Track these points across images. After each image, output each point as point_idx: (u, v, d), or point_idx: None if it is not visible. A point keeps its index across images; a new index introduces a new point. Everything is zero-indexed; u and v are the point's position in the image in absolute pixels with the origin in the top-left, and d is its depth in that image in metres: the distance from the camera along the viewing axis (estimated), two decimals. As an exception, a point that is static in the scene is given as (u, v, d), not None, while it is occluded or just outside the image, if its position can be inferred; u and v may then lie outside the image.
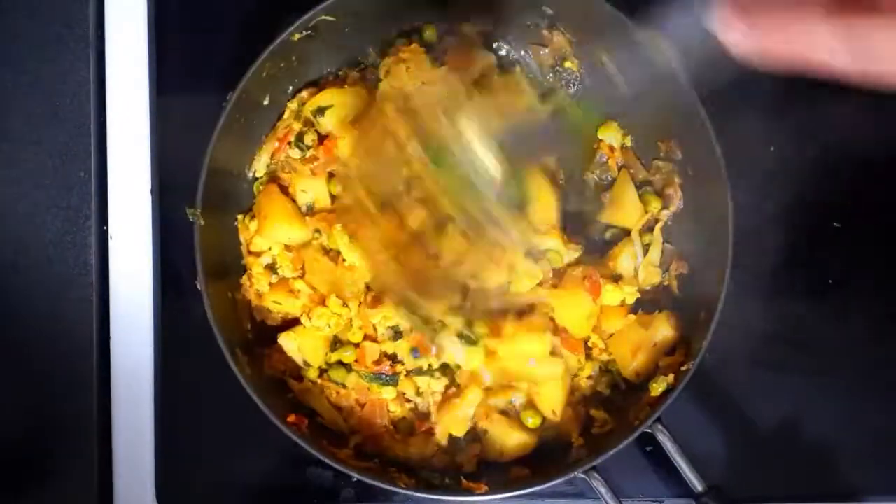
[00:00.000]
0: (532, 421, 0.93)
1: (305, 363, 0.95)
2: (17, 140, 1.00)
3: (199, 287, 0.87)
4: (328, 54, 0.98)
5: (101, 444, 0.97)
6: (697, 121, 0.88)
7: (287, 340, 0.94)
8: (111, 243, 1.00)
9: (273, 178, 0.98)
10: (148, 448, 0.97)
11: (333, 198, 0.96)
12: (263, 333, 0.96)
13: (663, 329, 0.93)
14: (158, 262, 0.98)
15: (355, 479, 0.94)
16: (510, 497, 0.88)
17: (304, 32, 0.92)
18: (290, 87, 0.98)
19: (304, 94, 0.98)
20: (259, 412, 0.85)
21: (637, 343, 0.93)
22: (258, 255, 0.95)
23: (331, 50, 0.98)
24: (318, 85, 0.98)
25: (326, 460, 0.85)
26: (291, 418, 0.90)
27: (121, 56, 1.01)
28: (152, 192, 0.99)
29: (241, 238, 0.96)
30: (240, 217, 0.97)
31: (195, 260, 0.88)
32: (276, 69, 0.93)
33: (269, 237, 0.94)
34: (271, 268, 0.96)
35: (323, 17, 0.91)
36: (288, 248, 0.96)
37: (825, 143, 1.01)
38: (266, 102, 0.96)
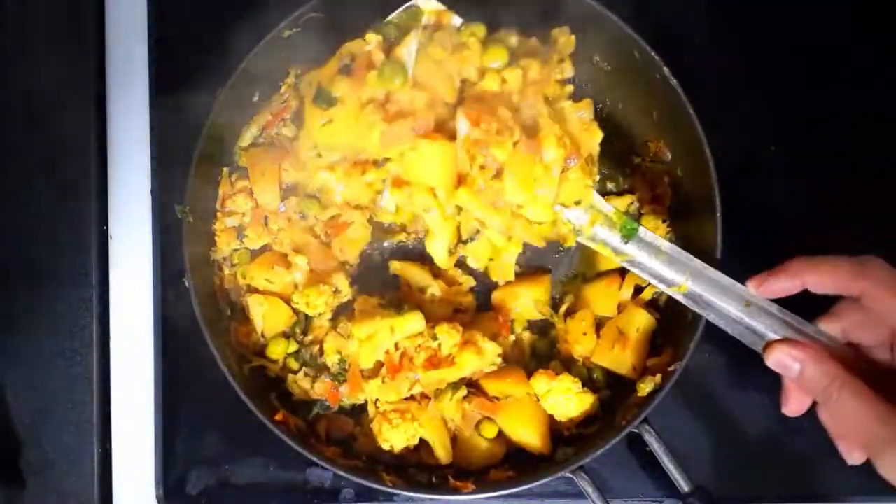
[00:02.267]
0: (490, 432, 0.93)
1: (263, 335, 0.95)
2: (18, 140, 1.00)
3: (186, 284, 0.89)
4: (318, 49, 0.98)
5: (101, 444, 0.97)
6: (688, 122, 0.88)
7: (255, 303, 0.94)
8: (111, 243, 1.00)
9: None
10: (148, 448, 0.97)
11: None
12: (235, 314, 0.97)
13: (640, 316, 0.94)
14: (158, 262, 0.98)
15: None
16: (508, 496, 0.89)
17: (294, 29, 0.92)
18: (280, 83, 0.98)
19: (300, 68, 0.97)
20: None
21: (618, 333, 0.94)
22: (230, 214, 0.96)
23: (320, 45, 0.97)
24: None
25: (312, 458, 0.86)
26: (279, 416, 0.90)
27: (121, 56, 1.01)
28: (152, 192, 0.99)
29: (219, 191, 0.96)
30: (225, 170, 0.97)
31: (183, 258, 0.89)
32: (266, 65, 0.93)
33: (263, 192, 0.95)
34: (238, 231, 0.96)
35: (312, 14, 0.92)
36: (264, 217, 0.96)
37: (822, 137, 1.01)
38: (256, 99, 0.97)
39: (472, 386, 0.94)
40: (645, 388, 0.89)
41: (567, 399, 0.91)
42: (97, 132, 1.01)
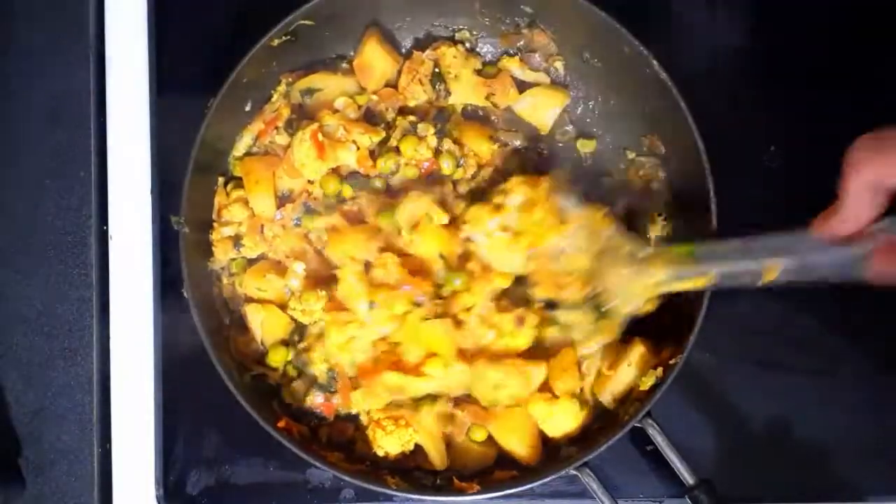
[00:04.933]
0: (479, 436, 0.93)
1: (262, 343, 0.95)
2: (17, 140, 1.00)
3: (185, 294, 0.89)
4: (309, 58, 0.99)
5: (101, 444, 0.97)
6: (680, 115, 0.88)
7: (253, 312, 0.94)
8: (111, 243, 1.00)
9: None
10: (148, 448, 0.97)
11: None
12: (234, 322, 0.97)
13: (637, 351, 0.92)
14: (158, 262, 0.98)
15: (354, 480, 0.94)
16: (512, 496, 0.89)
17: (284, 37, 0.92)
18: (272, 92, 0.98)
19: (292, 76, 0.98)
20: (258, 412, 0.86)
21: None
22: (226, 224, 0.96)
23: (312, 53, 0.98)
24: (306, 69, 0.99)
25: (316, 463, 0.86)
26: (282, 423, 0.90)
27: (121, 56, 1.02)
28: (152, 192, 0.99)
29: (215, 201, 0.96)
30: (220, 180, 0.97)
31: (181, 268, 0.89)
32: (257, 74, 0.94)
33: (259, 200, 0.95)
34: (235, 241, 0.96)
35: (302, 22, 0.92)
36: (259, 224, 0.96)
37: (824, 143, 1.01)
38: (248, 108, 0.97)
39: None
40: (647, 381, 0.89)
41: (566, 420, 0.91)
42: (97, 132, 1.01)
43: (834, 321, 0.98)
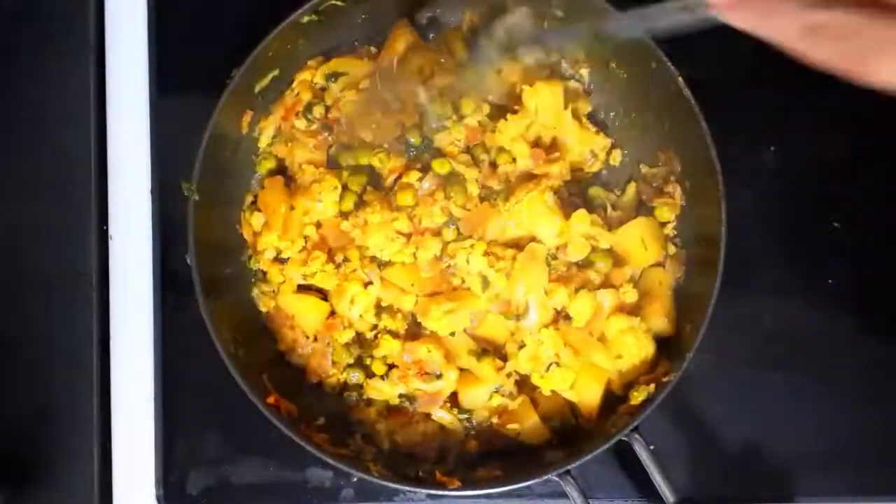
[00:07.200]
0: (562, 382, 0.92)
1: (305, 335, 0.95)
2: (18, 140, 1.00)
3: (188, 261, 0.88)
4: (336, 41, 0.98)
5: (101, 444, 0.97)
6: (699, 136, 0.87)
7: (296, 302, 0.95)
8: (111, 243, 1.00)
9: (278, 167, 0.99)
10: (148, 448, 0.97)
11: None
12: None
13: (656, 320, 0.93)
14: (158, 262, 0.98)
15: (355, 479, 0.94)
16: (500, 493, 0.89)
17: (313, 16, 0.91)
18: (293, 77, 0.98)
19: (314, 61, 0.97)
20: (259, 411, 0.86)
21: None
22: (264, 251, 0.95)
23: (339, 36, 0.98)
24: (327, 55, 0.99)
25: (301, 443, 0.85)
26: (271, 399, 0.89)
27: (121, 56, 1.01)
28: (152, 192, 0.99)
29: (245, 236, 0.96)
30: (244, 214, 0.97)
31: (188, 237, 0.88)
32: (283, 50, 0.93)
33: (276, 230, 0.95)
34: (279, 260, 0.96)
35: (332, 2, 0.91)
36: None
37: (824, 143, 1.01)
38: (263, 88, 0.96)
39: None
40: (638, 396, 0.89)
41: (638, 342, 0.91)
42: (97, 132, 1.00)
43: (818, 337, 0.99)
